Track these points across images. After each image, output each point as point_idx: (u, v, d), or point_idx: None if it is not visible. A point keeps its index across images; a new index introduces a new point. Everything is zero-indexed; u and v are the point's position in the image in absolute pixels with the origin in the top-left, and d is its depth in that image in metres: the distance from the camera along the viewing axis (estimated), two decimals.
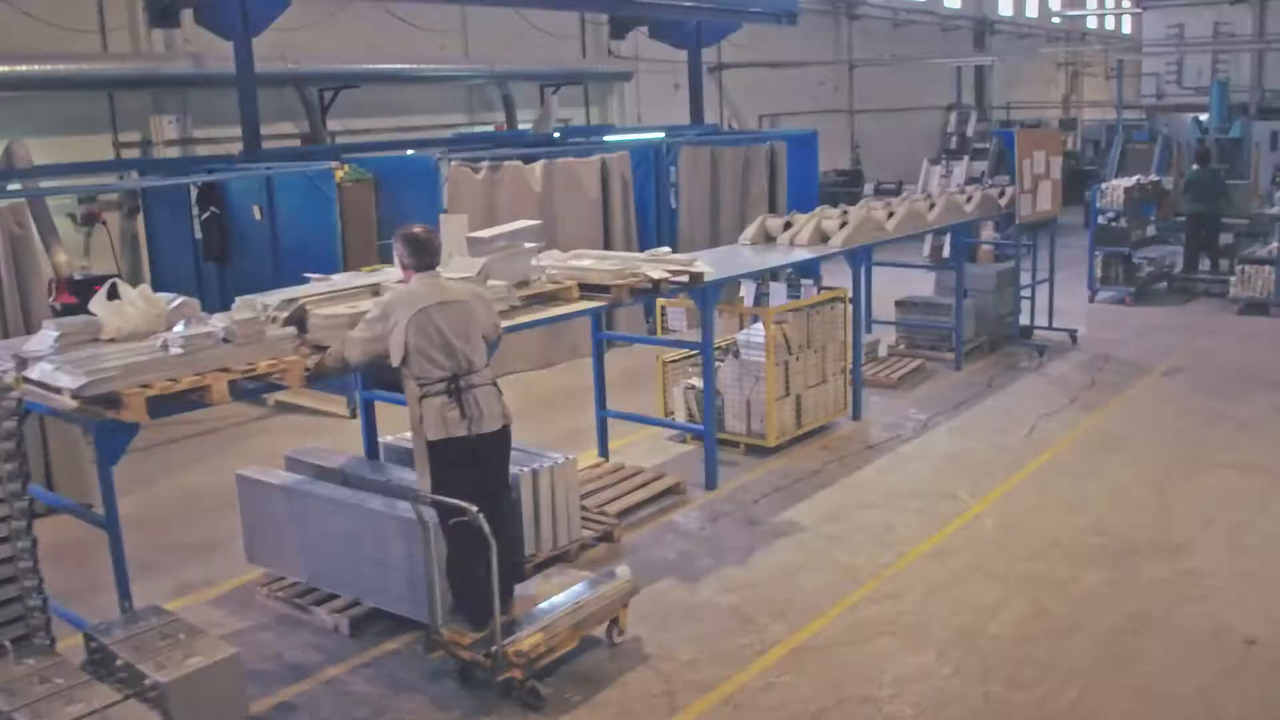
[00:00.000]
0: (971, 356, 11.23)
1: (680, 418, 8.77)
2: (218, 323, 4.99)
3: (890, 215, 9.86)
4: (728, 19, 16.15)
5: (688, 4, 14.84)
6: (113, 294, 5.26)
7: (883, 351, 11.11)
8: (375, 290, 5.80)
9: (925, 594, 6.06)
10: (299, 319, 5.39)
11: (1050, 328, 12.12)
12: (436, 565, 5.24)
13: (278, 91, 13.55)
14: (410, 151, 12.50)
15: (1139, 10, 27.95)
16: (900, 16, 25.01)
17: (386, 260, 10.43)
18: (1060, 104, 31.25)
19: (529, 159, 11.43)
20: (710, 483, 7.75)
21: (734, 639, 5.61)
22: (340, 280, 6.28)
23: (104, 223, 12.28)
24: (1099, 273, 14.21)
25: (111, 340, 5.09)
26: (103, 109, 12.52)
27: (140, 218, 12.44)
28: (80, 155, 11.86)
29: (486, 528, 4.69)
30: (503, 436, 5.27)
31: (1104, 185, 14.46)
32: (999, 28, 29.17)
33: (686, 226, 13.06)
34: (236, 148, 12.79)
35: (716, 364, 8.23)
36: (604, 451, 8.22)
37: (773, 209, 13.89)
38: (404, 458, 6.64)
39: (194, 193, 11.32)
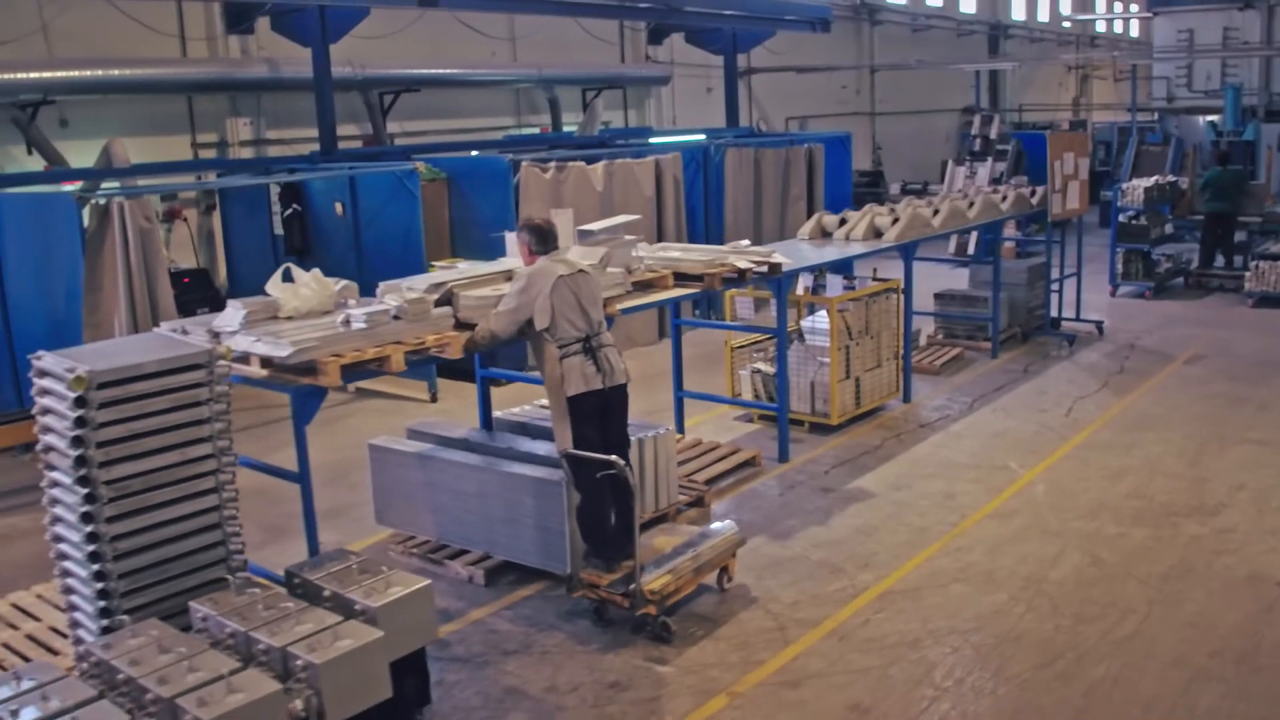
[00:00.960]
0: (1006, 345, 11.96)
1: (747, 398, 9.50)
2: (390, 301, 5.71)
3: (936, 213, 10.59)
4: (763, 27, 16.88)
5: (728, 12, 15.58)
6: (287, 277, 5.98)
7: (922, 341, 11.83)
8: (507, 276, 6.52)
9: (991, 548, 6.79)
10: (446, 300, 6.11)
11: (1078, 319, 12.85)
12: (571, 515, 5.99)
13: (341, 95, 14.26)
14: (474, 152, 13.26)
15: (1149, 15, 28.71)
16: (919, 22, 25.80)
17: (459, 255, 11.17)
18: (1070, 106, 32.03)
19: (590, 160, 12.16)
20: (783, 456, 8.49)
21: (828, 585, 6.34)
22: (465, 268, 7.01)
23: (184, 219, 13.03)
24: (1120, 268, 14.94)
25: (289, 318, 5.80)
26: (182, 111, 13.28)
27: (217, 214, 13.18)
28: (162, 155, 12.61)
29: (632, 477, 5.42)
30: (626, 391, 6.02)
31: (1125, 185, 15.20)
32: (1012, 32, 29.98)
33: (732, 224, 13.77)
34: (307, 148, 13.53)
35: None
36: (680, 428, 8.95)
37: (810, 208, 14.64)
38: (516, 429, 7.38)
39: (274, 191, 12.05)
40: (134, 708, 4.21)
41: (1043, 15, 32.38)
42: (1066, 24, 33.46)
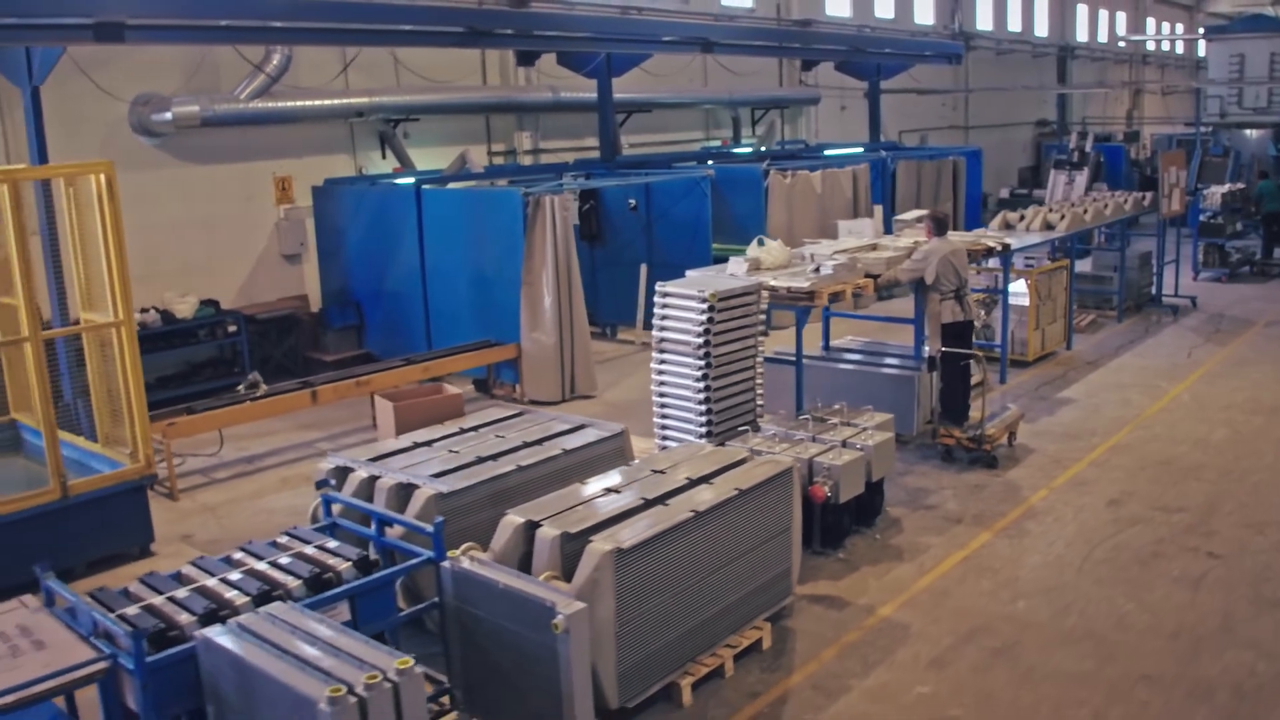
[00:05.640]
0: (1125, 314, 15.80)
1: None
2: (839, 257, 9.55)
3: (1085, 212, 14.43)
4: (908, 60, 20.70)
5: (887, 50, 19.41)
6: (760, 244, 9.84)
7: None
8: (871, 247, 10.39)
9: (1167, 426, 10.66)
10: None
11: (1175, 295, 16.69)
12: (916, 397, 9.86)
13: (588, 115, 17.99)
14: (710, 162, 17.09)
15: (1196, 37, 32.48)
16: (1003, 46, 29.67)
17: (715, 243, 14.87)
18: (1124, 118, 35.86)
19: (811, 169, 16.01)
20: (1002, 379, 12.35)
21: (1074, 443, 10.22)
22: (828, 243, 10.83)
23: None
24: (1201, 258, 18.79)
25: (769, 269, 9.65)
26: (481, 126, 17.16)
27: None
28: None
29: (980, 366, 9.31)
30: (972, 325, 9.89)
31: (1205, 191, 19.06)
32: (1078, 53, 33.89)
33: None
34: (571, 156, 17.42)
35: (983, 309, 12.86)
36: None
37: (955, 209, 18.50)
38: (844, 350, 11.19)
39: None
40: None
41: (1102, 36, 36.31)
42: (1122, 44, 37.35)
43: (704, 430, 8.70)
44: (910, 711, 5.95)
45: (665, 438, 9.02)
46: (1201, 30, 36.31)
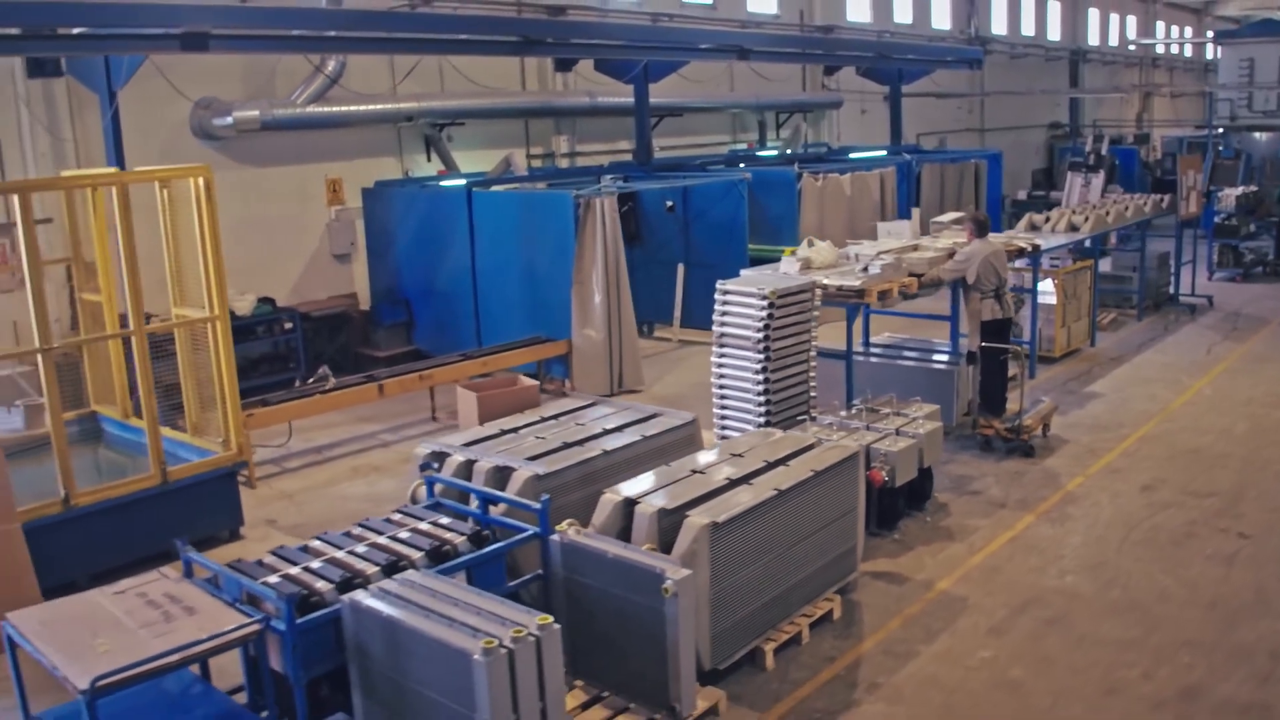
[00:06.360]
0: (1144, 313, 16.37)
1: None
2: (885, 257, 10.12)
3: (1107, 214, 15.00)
4: (929, 66, 21.28)
5: (910, 56, 19.98)
6: (810, 245, 10.41)
7: None
8: (913, 248, 10.95)
9: (1192, 418, 11.24)
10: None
11: (1193, 295, 17.27)
12: (955, 389, 10.44)
13: (622, 119, 18.54)
14: (741, 164, 17.67)
15: (1207, 41, 33.08)
16: (1017, 50, 30.26)
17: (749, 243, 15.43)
18: (1134, 121, 36.45)
19: (841, 171, 16.58)
20: (1031, 374, 12.91)
21: (1105, 433, 10.80)
22: (871, 244, 11.41)
23: None
24: (1215, 258, 19.37)
25: (818, 268, 10.22)
26: (520, 130, 17.73)
27: None
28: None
29: (1019, 361, 9.88)
30: (1010, 322, 10.46)
31: (1220, 193, 19.64)
32: (1090, 56, 34.50)
33: (925, 224, 18.17)
34: (606, 159, 18.00)
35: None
36: None
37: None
38: (883, 345, 11.77)
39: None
40: None
41: (1113, 40, 36.95)
42: (1132, 47, 37.97)
43: (762, 420, 9.24)
44: (975, 673, 6.53)
45: (724, 427, 9.60)
46: (1211, 34, 36.94)
